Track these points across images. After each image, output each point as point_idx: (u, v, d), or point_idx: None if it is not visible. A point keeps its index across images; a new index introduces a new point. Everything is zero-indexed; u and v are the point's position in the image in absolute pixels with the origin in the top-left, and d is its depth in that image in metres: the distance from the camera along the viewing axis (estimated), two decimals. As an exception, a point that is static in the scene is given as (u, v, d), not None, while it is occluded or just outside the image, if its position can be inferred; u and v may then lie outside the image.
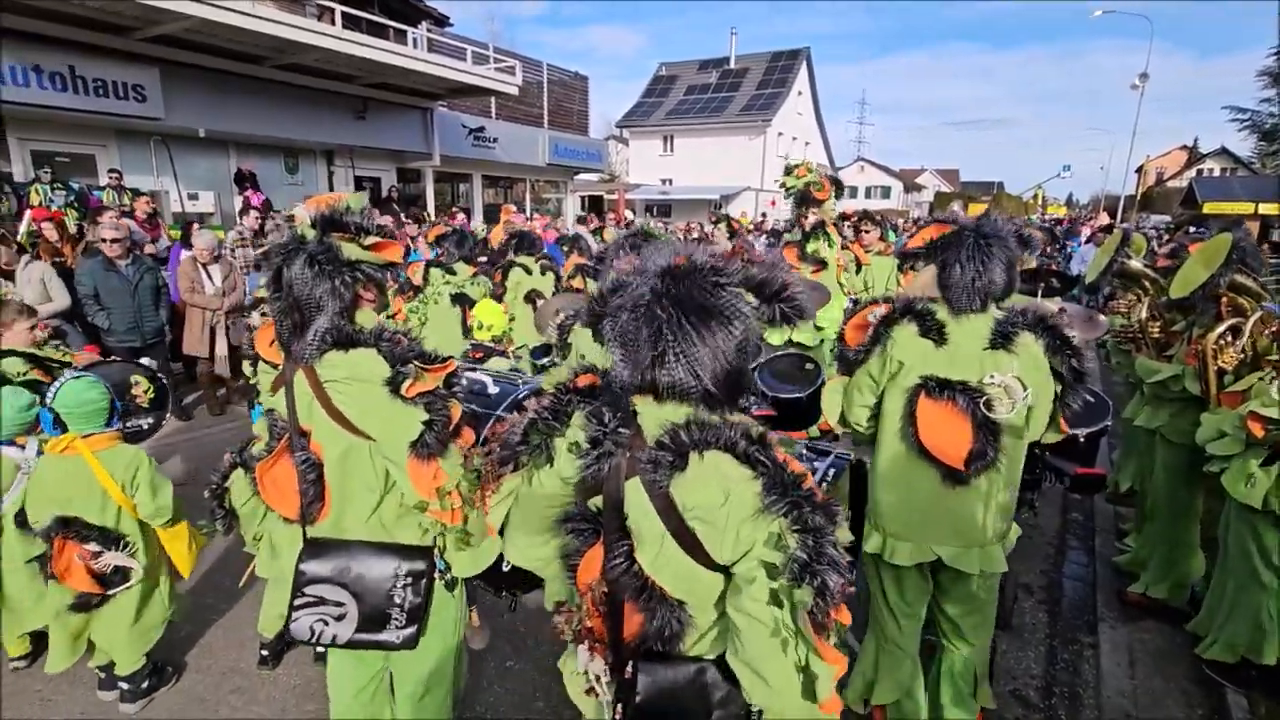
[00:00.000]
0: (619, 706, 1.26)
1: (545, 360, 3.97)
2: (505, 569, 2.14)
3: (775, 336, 4.39)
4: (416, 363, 1.66)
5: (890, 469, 2.15)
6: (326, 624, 1.74)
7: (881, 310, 2.18)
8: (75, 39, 7.95)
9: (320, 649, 2.91)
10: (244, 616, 3.13)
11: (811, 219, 4.93)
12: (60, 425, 2.39)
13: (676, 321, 1.14)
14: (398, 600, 1.75)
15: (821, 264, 4.84)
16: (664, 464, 1.17)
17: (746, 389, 1.29)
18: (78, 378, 2.47)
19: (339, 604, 1.74)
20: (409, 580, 1.75)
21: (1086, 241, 11.33)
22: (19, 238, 6.05)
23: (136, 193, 8.10)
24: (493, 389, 2.30)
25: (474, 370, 2.38)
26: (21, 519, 2.51)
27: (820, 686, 1.12)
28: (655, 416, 1.22)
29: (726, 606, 1.19)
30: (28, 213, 6.60)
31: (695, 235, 8.59)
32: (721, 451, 1.18)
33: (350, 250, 1.68)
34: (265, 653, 2.89)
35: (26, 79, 7.66)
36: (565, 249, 6.85)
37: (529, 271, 4.97)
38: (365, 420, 1.67)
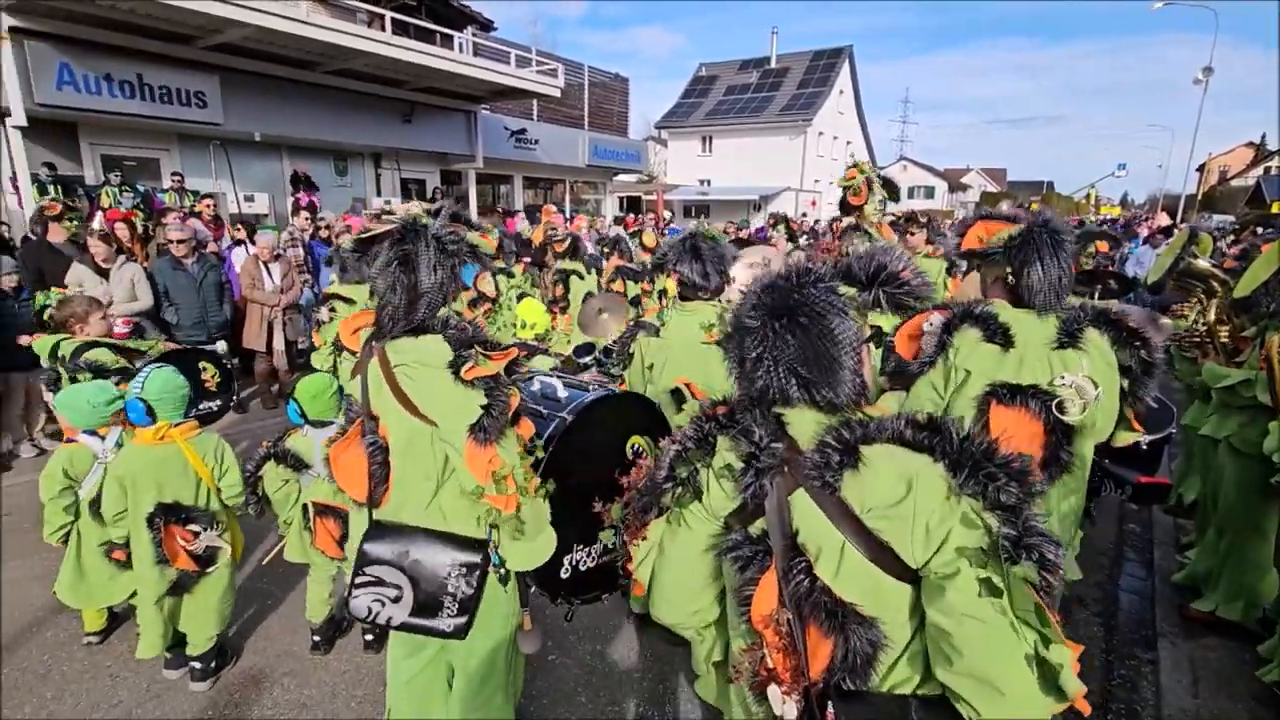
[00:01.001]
0: None
1: (587, 359, 4.01)
2: (564, 575, 2.14)
3: (886, 323, 4.20)
4: (479, 349, 1.72)
5: None
6: (383, 605, 1.80)
7: (939, 318, 2.07)
8: (143, 48, 8.35)
9: (370, 636, 3.02)
10: (299, 603, 3.23)
11: (845, 223, 4.86)
12: (150, 414, 2.50)
13: (768, 326, 1.15)
14: (451, 589, 1.79)
15: None
16: (832, 464, 1.09)
17: (865, 386, 1.20)
18: (160, 367, 2.58)
19: (396, 586, 1.79)
20: (463, 571, 1.79)
21: (1144, 242, 10.87)
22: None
23: (197, 195, 8.46)
24: (562, 393, 2.31)
25: (549, 375, 2.41)
26: (96, 507, 2.64)
27: (1065, 677, 0.96)
28: (807, 421, 1.16)
29: (928, 613, 1.06)
30: (99, 214, 6.95)
31: (732, 236, 8.52)
32: (891, 443, 1.10)
33: (470, 236, 1.84)
34: (317, 638, 3.00)
35: (99, 88, 8.08)
36: (606, 250, 6.90)
37: (582, 277, 5.42)
38: (428, 403, 1.72)
